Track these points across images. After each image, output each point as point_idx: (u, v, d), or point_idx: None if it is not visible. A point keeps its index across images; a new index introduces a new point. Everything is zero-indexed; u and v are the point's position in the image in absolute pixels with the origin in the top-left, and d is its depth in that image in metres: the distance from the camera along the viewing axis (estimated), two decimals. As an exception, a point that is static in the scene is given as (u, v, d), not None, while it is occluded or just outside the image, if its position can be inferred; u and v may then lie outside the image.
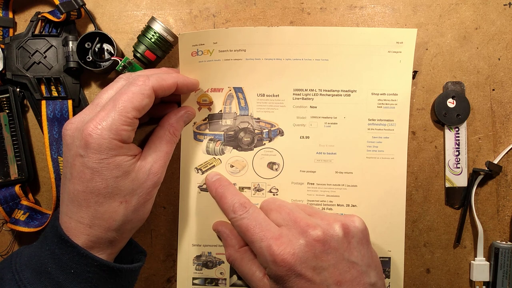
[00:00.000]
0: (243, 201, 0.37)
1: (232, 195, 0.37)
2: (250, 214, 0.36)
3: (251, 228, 0.35)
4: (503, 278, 0.42)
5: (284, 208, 0.36)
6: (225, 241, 0.40)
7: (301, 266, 0.32)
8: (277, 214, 0.36)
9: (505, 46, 0.43)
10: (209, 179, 0.40)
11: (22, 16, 0.44)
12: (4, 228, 0.44)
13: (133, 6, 0.44)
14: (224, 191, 0.38)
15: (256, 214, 0.36)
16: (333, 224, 0.34)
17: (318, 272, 0.32)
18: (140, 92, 0.34)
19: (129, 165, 0.34)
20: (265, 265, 0.34)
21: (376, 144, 0.42)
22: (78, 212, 0.33)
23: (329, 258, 0.33)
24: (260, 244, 0.34)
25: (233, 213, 0.36)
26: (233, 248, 0.39)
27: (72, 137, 0.33)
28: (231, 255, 0.39)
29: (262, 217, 0.36)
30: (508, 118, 0.43)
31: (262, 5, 0.44)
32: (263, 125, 0.43)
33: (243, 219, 0.35)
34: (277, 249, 0.33)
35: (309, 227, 0.34)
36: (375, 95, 0.42)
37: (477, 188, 0.43)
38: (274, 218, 0.36)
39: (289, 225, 0.35)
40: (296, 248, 0.33)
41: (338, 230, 0.34)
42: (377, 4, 0.43)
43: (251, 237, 0.35)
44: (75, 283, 0.31)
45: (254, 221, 0.35)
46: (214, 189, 0.39)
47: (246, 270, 0.37)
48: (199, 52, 0.40)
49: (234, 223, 0.36)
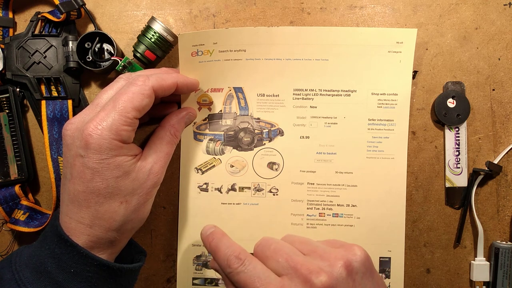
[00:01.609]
0: (238, 253, 0.33)
1: (226, 247, 0.34)
2: (246, 266, 0.32)
3: (250, 282, 0.31)
4: (503, 278, 0.42)
5: (281, 253, 0.33)
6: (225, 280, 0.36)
7: None
8: (274, 262, 0.33)
9: (505, 46, 0.43)
10: (203, 233, 0.37)
11: (22, 16, 0.44)
12: (4, 228, 0.44)
13: (133, 6, 0.44)
14: (218, 243, 0.35)
15: (253, 266, 0.32)
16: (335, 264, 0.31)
17: None
18: (140, 92, 0.33)
19: (130, 165, 0.34)
20: None
21: (376, 144, 0.42)
22: (79, 212, 0.33)
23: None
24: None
25: (228, 268, 0.33)
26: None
27: (72, 137, 0.33)
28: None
29: (260, 268, 0.32)
30: (508, 118, 0.43)
31: (262, 5, 0.44)
32: (263, 125, 0.43)
33: (240, 273, 0.32)
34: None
35: (312, 274, 0.30)
36: (375, 95, 0.42)
37: (477, 188, 0.43)
38: (272, 267, 0.33)
39: (290, 274, 0.31)
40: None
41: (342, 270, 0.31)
42: (377, 4, 0.43)
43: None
44: (75, 282, 0.31)
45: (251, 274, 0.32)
46: (208, 243, 0.36)
47: None
48: (199, 52, 0.40)
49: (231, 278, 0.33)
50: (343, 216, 0.42)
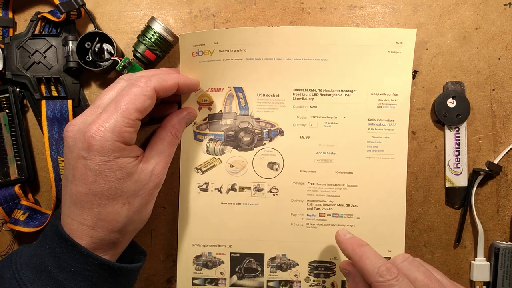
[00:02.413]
0: (390, 265, 0.33)
1: (375, 257, 0.34)
2: (400, 282, 0.32)
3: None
4: (503, 278, 0.42)
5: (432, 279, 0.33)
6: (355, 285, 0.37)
7: None
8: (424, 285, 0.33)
9: (505, 46, 0.43)
10: (341, 235, 0.38)
11: (22, 16, 0.44)
12: (4, 228, 0.44)
13: (133, 6, 0.44)
14: (366, 250, 0.35)
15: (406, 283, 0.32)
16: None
17: None
18: (142, 93, 0.33)
19: (132, 167, 0.33)
20: None
21: (376, 144, 0.42)
22: (81, 214, 0.33)
23: None
24: None
25: (380, 277, 0.33)
26: None
27: (74, 139, 0.33)
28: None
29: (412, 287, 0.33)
30: (508, 118, 0.43)
31: (262, 5, 0.44)
32: (263, 125, 0.43)
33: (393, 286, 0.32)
34: None
35: None
36: (375, 95, 0.42)
37: (477, 188, 0.43)
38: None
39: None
40: None
41: None
42: (377, 4, 0.43)
43: None
44: (75, 282, 0.31)
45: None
46: (351, 247, 0.36)
47: None
48: (199, 52, 0.40)
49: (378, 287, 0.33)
50: (343, 216, 0.42)
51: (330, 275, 0.43)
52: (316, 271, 0.43)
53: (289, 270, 0.43)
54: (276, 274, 0.43)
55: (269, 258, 0.43)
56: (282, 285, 0.43)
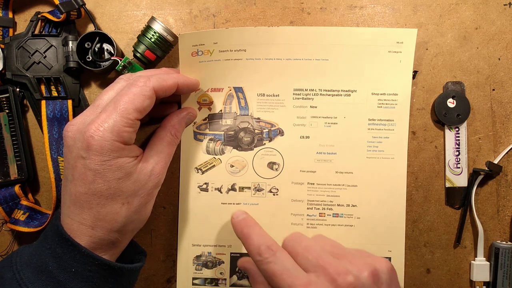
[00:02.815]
0: (270, 244, 0.34)
1: (258, 236, 0.35)
2: (277, 257, 0.33)
3: (278, 273, 0.33)
4: (503, 278, 0.42)
5: (312, 252, 0.34)
6: (254, 278, 0.37)
7: None
8: (304, 258, 0.34)
9: (505, 46, 0.43)
10: (234, 218, 0.38)
11: (22, 16, 0.44)
12: (4, 228, 0.44)
13: (133, 6, 0.44)
14: (250, 231, 0.36)
15: (283, 258, 0.34)
16: (363, 270, 0.32)
17: None
18: (141, 93, 0.33)
19: (131, 167, 0.33)
20: None
21: (376, 144, 0.42)
22: (80, 213, 0.33)
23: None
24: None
25: (259, 256, 0.34)
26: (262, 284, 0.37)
27: (73, 139, 0.33)
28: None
29: (290, 261, 0.34)
30: (508, 118, 0.43)
31: (262, 5, 0.44)
32: (263, 125, 0.43)
33: (270, 263, 0.33)
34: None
35: (339, 274, 0.31)
36: (375, 95, 0.42)
37: (477, 188, 0.43)
38: (301, 263, 0.34)
39: (318, 272, 0.32)
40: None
41: (368, 276, 0.32)
42: (377, 4, 0.43)
43: (278, 284, 0.32)
44: (75, 282, 0.31)
45: (281, 266, 0.33)
46: (240, 229, 0.37)
47: None
48: (199, 52, 0.40)
49: (260, 266, 0.34)
50: (343, 216, 0.42)
51: (330, 275, 0.43)
52: (316, 271, 0.43)
53: (289, 270, 0.43)
54: (276, 274, 0.43)
55: (269, 258, 0.43)
56: (282, 285, 0.43)
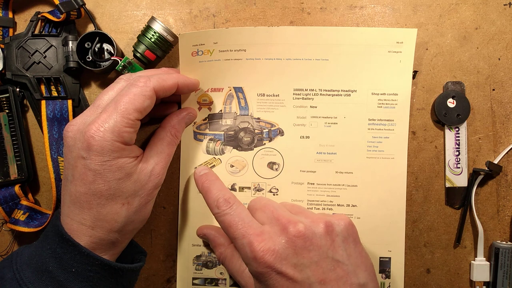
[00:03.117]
0: (228, 197, 0.36)
1: (218, 190, 0.37)
2: (234, 210, 0.35)
3: (234, 224, 0.34)
4: (503, 278, 0.42)
5: (268, 207, 0.36)
6: (214, 242, 0.39)
7: (281, 263, 0.32)
8: (261, 213, 0.36)
9: (505, 46, 0.43)
10: (196, 173, 0.40)
11: (22, 16, 0.44)
12: (4, 228, 0.44)
13: (133, 6, 0.44)
14: (210, 185, 0.38)
15: (240, 210, 0.35)
16: (317, 221, 0.34)
17: (299, 269, 0.32)
18: (141, 93, 0.33)
19: (131, 167, 0.34)
20: (246, 262, 0.34)
21: (376, 144, 0.42)
22: (80, 213, 0.33)
23: (311, 255, 0.32)
24: (242, 240, 0.33)
25: (217, 208, 0.36)
26: (222, 246, 0.38)
27: (73, 139, 0.33)
28: (221, 253, 0.38)
29: (246, 213, 0.35)
30: (508, 118, 0.43)
31: (262, 5, 0.44)
32: (263, 125, 0.43)
33: (226, 215, 0.35)
34: (258, 246, 0.32)
35: (290, 223, 0.33)
36: (375, 95, 0.42)
37: (477, 188, 0.43)
38: (258, 217, 0.36)
39: (272, 223, 0.34)
40: (276, 244, 0.32)
41: (321, 227, 0.33)
42: (377, 4, 0.43)
43: (233, 233, 0.34)
44: (76, 282, 0.31)
45: (237, 217, 0.35)
46: (201, 183, 0.39)
47: (237, 267, 0.37)
48: (199, 52, 0.40)
49: (217, 218, 0.36)
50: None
51: (330, 275, 0.43)
52: (316, 271, 0.43)
53: (289, 270, 0.43)
54: (276, 274, 0.43)
55: (269, 258, 0.43)
56: (282, 285, 0.43)
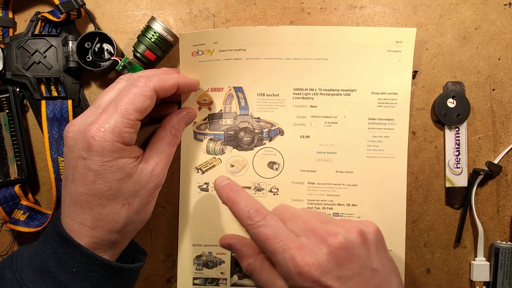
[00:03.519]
0: (259, 207, 0.35)
1: (246, 201, 0.35)
2: (268, 222, 0.34)
3: (271, 237, 0.33)
4: (503, 278, 0.42)
5: (299, 217, 0.35)
6: (240, 252, 0.38)
7: (326, 276, 0.31)
8: (292, 223, 0.35)
9: (505, 46, 0.43)
10: (218, 183, 0.38)
11: (22, 16, 0.44)
12: (4, 228, 0.44)
13: (133, 6, 0.44)
14: (237, 196, 0.36)
15: (275, 222, 0.34)
16: (351, 231, 0.33)
17: (343, 281, 0.31)
18: (142, 93, 0.33)
19: (132, 168, 0.33)
20: (287, 277, 0.32)
21: (377, 143, 0.42)
22: (81, 214, 0.33)
23: (353, 266, 0.31)
24: (283, 255, 0.32)
25: (249, 220, 0.34)
26: (250, 257, 0.37)
27: (74, 139, 0.33)
28: (249, 264, 0.37)
29: (281, 225, 0.34)
30: (508, 118, 0.43)
31: (262, 5, 0.44)
32: (263, 124, 0.43)
33: (261, 227, 0.33)
34: (301, 260, 0.31)
35: (329, 235, 0.32)
36: (375, 94, 0.42)
37: (477, 188, 0.43)
38: (290, 228, 0.34)
39: (308, 235, 0.33)
40: (319, 257, 0.31)
41: (357, 237, 0.32)
42: (377, 4, 0.43)
43: (272, 247, 0.33)
44: (76, 282, 0.31)
45: (273, 230, 0.33)
46: (225, 194, 0.37)
47: (267, 278, 0.35)
48: (199, 52, 0.40)
49: (250, 230, 0.34)
50: (343, 216, 0.42)
51: (330, 275, 0.43)
52: (316, 271, 0.43)
53: (289, 270, 0.43)
54: (276, 274, 0.43)
55: (269, 258, 0.43)
56: (282, 285, 0.43)
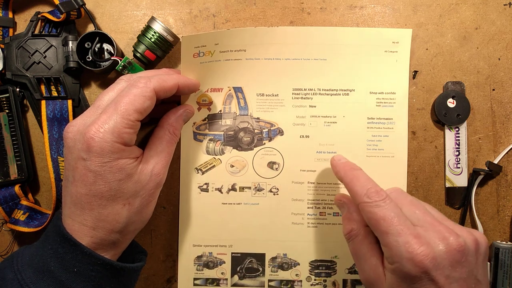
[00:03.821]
0: (379, 189, 0.34)
1: (366, 180, 0.35)
2: (387, 203, 0.33)
3: (388, 218, 0.32)
4: (503, 278, 0.42)
5: (418, 207, 0.34)
6: (349, 214, 0.37)
7: (437, 271, 0.30)
8: (410, 211, 0.34)
9: (505, 46, 0.43)
10: (336, 160, 0.38)
11: (22, 16, 0.44)
12: (4, 228, 0.44)
13: (133, 6, 0.44)
14: (356, 173, 0.36)
15: (393, 205, 0.33)
16: (468, 237, 0.33)
17: (449, 282, 0.31)
18: (142, 94, 0.33)
19: (132, 168, 0.33)
20: (395, 260, 0.32)
21: (376, 142, 0.42)
22: (81, 214, 0.33)
23: (463, 271, 0.31)
24: (397, 238, 0.31)
25: (367, 198, 0.33)
26: (356, 222, 0.36)
27: (73, 140, 0.33)
28: (354, 229, 0.36)
29: (399, 210, 0.33)
30: (508, 118, 0.43)
31: (262, 5, 0.44)
32: (263, 124, 0.43)
33: (378, 207, 0.33)
34: (417, 248, 0.30)
35: (450, 234, 0.32)
36: (374, 94, 0.42)
37: (477, 188, 0.43)
38: (407, 215, 0.34)
39: (426, 227, 0.33)
40: (436, 252, 0.31)
41: (472, 244, 0.32)
42: (377, 4, 0.43)
43: (387, 228, 0.32)
44: (77, 281, 0.31)
45: (391, 212, 0.32)
46: (343, 171, 0.37)
47: (364, 251, 0.35)
48: (200, 54, 0.40)
49: (365, 208, 0.33)
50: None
51: (331, 274, 0.43)
52: (317, 270, 0.43)
53: (290, 270, 0.43)
54: (277, 273, 0.43)
55: (270, 258, 0.43)
56: (283, 284, 0.43)
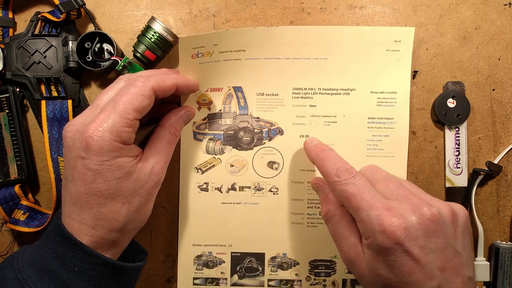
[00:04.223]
0: (349, 167, 0.34)
1: (337, 159, 0.35)
2: (357, 180, 0.33)
3: (358, 194, 0.32)
4: (503, 278, 0.42)
5: (392, 181, 0.34)
6: (325, 196, 0.37)
7: (410, 242, 0.30)
8: (384, 186, 0.34)
9: (505, 46, 0.43)
10: (308, 142, 0.39)
11: (22, 16, 0.44)
12: (4, 228, 0.44)
13: (133, 6, 0.44)
14: (327, 154, 0.36)
15: (363, 182, 0.33)
16: (443, 208, 0.32)
17: (425, 253, 0.30)
18: (140, 93, 0.33)
19: (131, 166, 0.34)
20: (369, 234, 0.32)
21: (376, 142, 0.42)
22: (81, 213, 0.33)
23: (438, 241, 0.31)
24: (368, 212, 0.31)
25: (337, 177, 0.34)
26: (332, 204, 0.37)
27: (72, 139, 0.33)
28: (330, 210, 0.36)
29: (369, 186, 0.33)
30: (508, 118, 0.43)
31: (262, 5, 0.44)
32: (263, 124, 0.43)
33: (349, 184, 0.33)
34: (388, 220, 0.30)
35: (424, 204, 0.32)
36: (374, 94, 0.42)
37: (477, 188, 0.43)
38: (380, 190, 0.34)
39: (399, 200, 0.32)
40: (408, 223, 0.31)
41: (448, 215, 0.32)
42: (377, 4, 0.43)
43: (358, 204, 0.32)
44: (78, 281, 0.31)
45: (360, 188, 0.33)
46: (315, 153, 0.37)
47: (342, 230, 0.35)
48: (199, 54, 0.40)
49: (336, 187, 0.34)
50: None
51: (331, 274, 0.43)
52: (317, 269, 0.43)
53: (289, 269, 0.43)
54: (277, 273, 0.43)
55: (270, 258, 0.43)
56: (283, 284, 0.43)
